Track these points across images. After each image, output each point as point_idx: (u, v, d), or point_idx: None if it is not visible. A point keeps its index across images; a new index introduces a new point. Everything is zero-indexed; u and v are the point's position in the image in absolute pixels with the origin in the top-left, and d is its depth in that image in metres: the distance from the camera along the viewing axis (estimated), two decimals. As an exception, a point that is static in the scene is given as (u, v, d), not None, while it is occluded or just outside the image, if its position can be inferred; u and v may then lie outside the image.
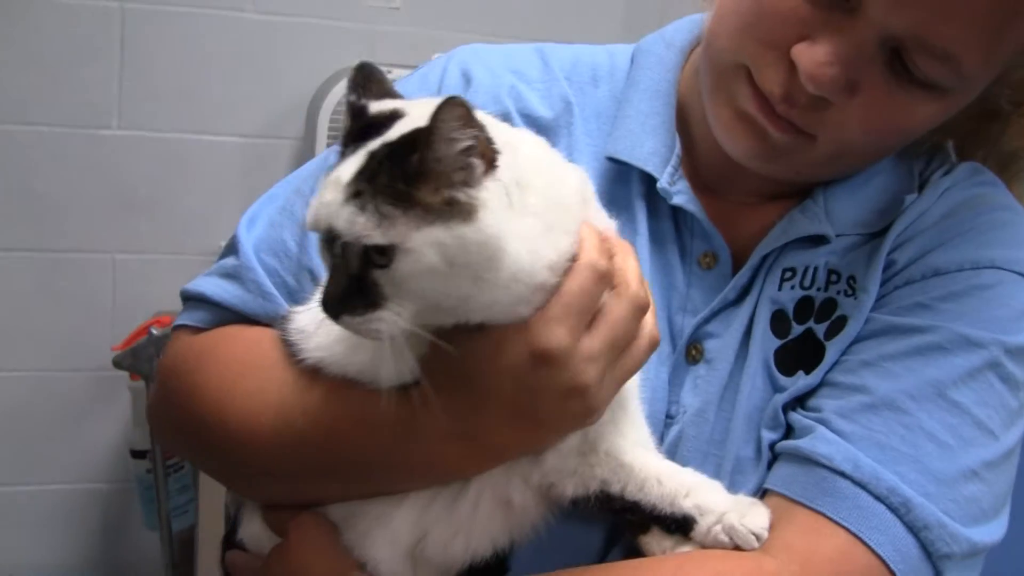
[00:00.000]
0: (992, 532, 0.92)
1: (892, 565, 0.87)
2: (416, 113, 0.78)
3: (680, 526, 0.89)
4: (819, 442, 0.92)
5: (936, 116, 0.96)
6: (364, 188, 0.74)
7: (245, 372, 0.96)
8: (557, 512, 0.92)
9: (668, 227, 1.06)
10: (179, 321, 1.07)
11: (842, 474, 0.89)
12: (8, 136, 2.37)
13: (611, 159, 1.06)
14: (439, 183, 0.74)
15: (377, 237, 0.74)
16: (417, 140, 0.74)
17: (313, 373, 0.90)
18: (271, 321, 0.99)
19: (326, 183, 0.76)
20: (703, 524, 0.88)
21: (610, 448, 0.89)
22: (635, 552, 0.92)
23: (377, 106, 0.81)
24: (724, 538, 0.87)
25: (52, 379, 2.51)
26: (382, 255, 0.74)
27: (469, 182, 0.74)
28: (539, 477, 0.89)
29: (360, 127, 0.79)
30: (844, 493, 0.89)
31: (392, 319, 0.76)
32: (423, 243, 0.74)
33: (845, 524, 0.88)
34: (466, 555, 0.91)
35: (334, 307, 0.76)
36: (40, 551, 2.55)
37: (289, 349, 0.93)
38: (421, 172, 0.73)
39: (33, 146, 2.38)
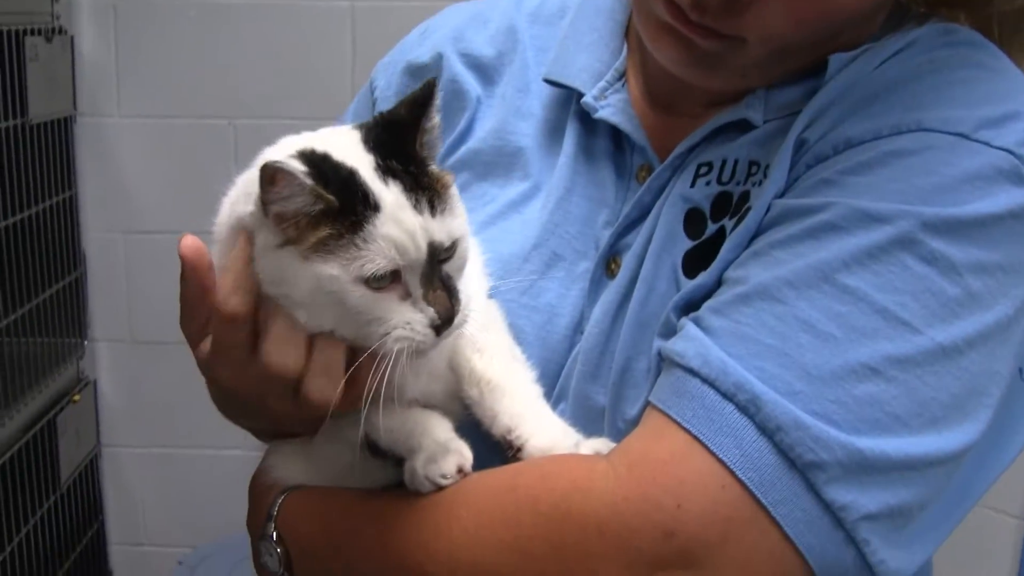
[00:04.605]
0: (913, 445, 0.77)
1: (737, 471, 0.76)
2: None
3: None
4: (679, 340, 0.83)
5: None
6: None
7: None
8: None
9: (604, 144, 1.02)
10: None
11: (691, 371, 0.80)
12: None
13: (546, 80, 1.05)
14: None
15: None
16: None
17: None
18: None
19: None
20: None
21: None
22: None
23: None
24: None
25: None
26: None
27: None
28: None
29: None
30: (692, 392, 0.79)
31: None
32: None
33: (687, 425, 0.78)
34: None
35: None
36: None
37: None
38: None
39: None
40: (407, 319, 0.79)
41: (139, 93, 2.51)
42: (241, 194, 0.84)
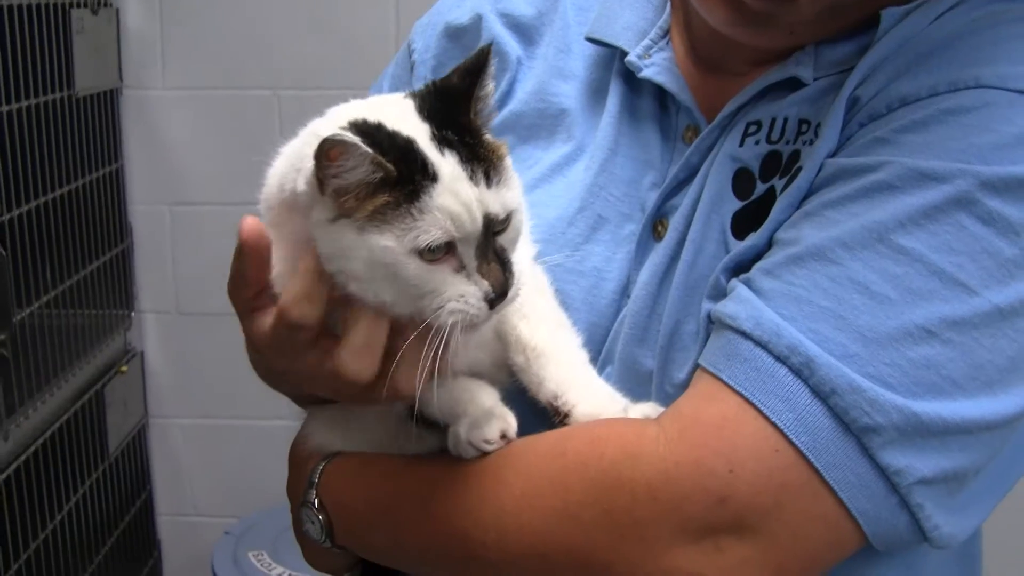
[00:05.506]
0: (969, 409, 0.75)
1: (791, 435, 0.75)
2: None
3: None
4: (730, 302, 0.81)
5: None
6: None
7: None
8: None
9: (649, 104, 1.00)
10: None
11: (743, 334, 0.78)
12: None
13: (588, 39, 1.02)
14: None
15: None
16: None
17: None
18: None
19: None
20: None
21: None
22: None
23: None
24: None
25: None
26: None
27: None
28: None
29: None
30: (744, 355, 0.78)
31: None
32: None
33: (739, 388, 0.77)
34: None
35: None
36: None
37: None
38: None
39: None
40: (461, 292, 0.77)
41: (184, 65, 2.52)
42: (290, 169, 0.82)
